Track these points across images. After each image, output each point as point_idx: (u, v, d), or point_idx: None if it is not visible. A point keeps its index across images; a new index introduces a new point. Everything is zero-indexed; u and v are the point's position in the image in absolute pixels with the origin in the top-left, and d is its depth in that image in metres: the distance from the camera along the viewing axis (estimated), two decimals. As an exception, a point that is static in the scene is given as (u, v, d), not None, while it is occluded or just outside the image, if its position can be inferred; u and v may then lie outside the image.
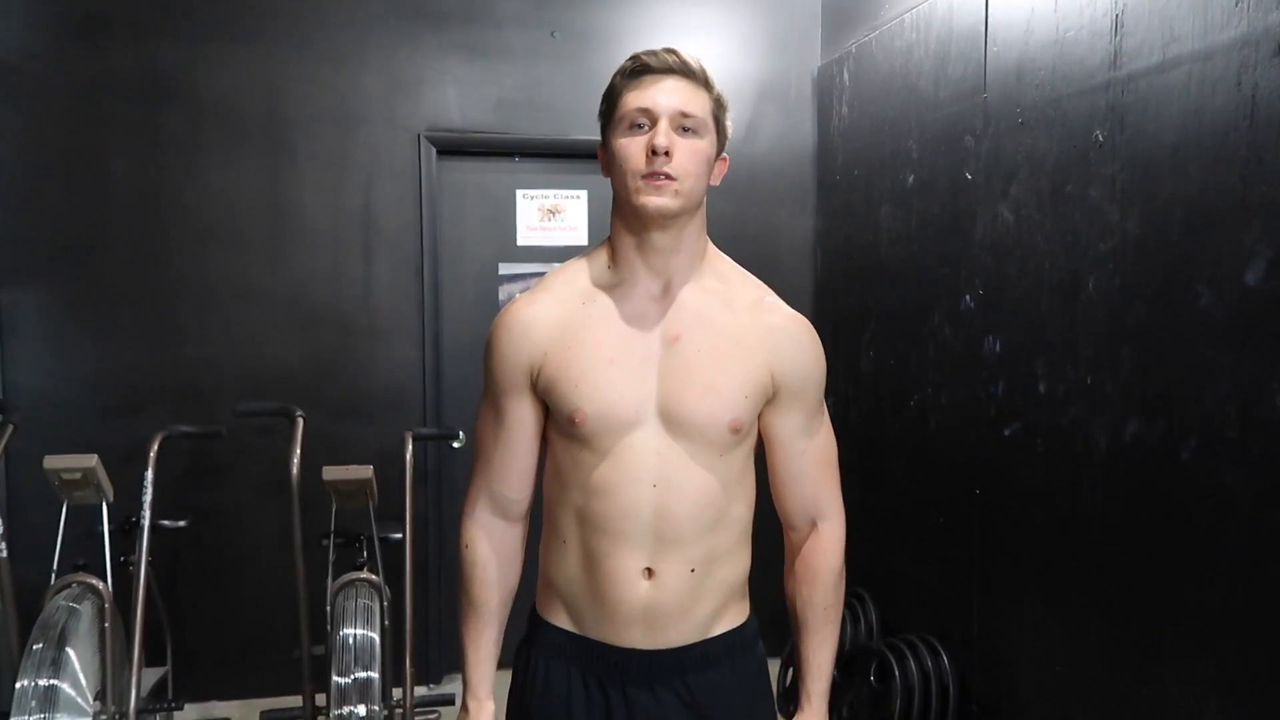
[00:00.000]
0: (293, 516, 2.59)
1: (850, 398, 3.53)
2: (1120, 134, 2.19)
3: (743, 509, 1.39)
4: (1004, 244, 2.62)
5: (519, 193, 3.74)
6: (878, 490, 3.34)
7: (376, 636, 2.36)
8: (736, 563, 1.40)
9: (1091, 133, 2.27)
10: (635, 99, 1.29)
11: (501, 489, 1.41)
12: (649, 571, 1.33)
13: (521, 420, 1.38)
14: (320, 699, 2.67)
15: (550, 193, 3.75)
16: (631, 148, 1.28)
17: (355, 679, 2.25)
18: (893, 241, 3.23)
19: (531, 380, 1.36)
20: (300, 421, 2.67)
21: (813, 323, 1.43)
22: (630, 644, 1.36)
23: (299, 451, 2.60)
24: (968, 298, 2.80)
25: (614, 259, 1.36)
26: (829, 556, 1.44)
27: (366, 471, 2.56)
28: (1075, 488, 2.35)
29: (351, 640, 2.32)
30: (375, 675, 2.29)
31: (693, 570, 1.34)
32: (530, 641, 1.46)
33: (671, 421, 1.32)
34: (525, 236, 3.75)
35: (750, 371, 1.34)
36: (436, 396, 3.66)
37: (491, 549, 1.43)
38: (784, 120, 3.84)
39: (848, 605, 3.34)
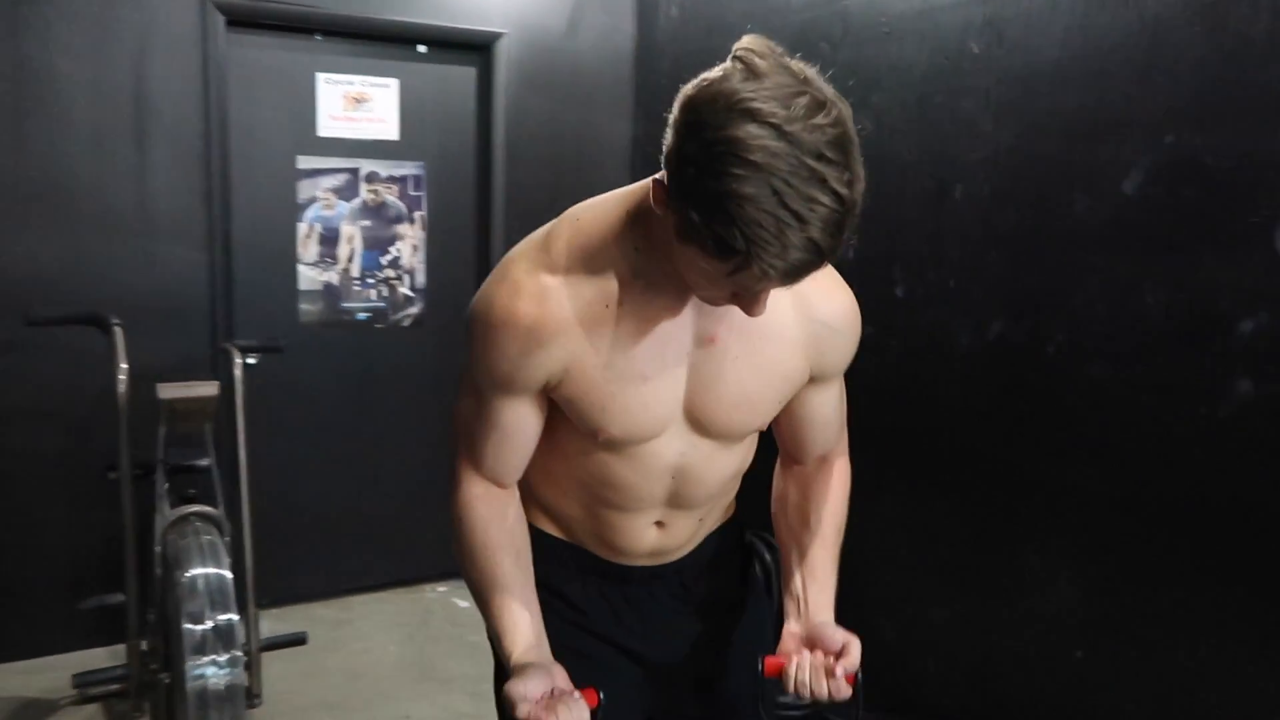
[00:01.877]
0: (121, 444, 2.17)
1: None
2: (998, 47, 2.29)
3: (750, 454, 1.33)
4: (865, 153, 2.68)
5: (320, 77, 3.32)
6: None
7: (229, 575, 2.06)
8: (735, 488, 1.36)
9: (966, 45, 2.37)
10: (758, 284, 0.96)
11: (496, 476, 1.23)
12: (659, 524, 1.29)
13: (522, 422, 1.19)
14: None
15: (356, 79, 3.36)
16: (715, 287, 1.01)
17: (217, 624, 1.96)
18: (730, 148, 3.22)
19: (543, 388, 1.16)
20: (119, 331, 2.22)
21: None
22: (633, 565, 1.31)
23: (125, 365, 2.17)
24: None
25: (648, 243, 1.09)
26: (847, 480, 1.40)
27: (211, 388, 2.20)
28: (934, 384, 2.50)
29: (201, 582, 2.01)
30: (235, 617, 2.00)
31: (700, 518, 1.32)
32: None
33: (698, 425, 1.21)
34: (327, 127, 3.35)
35: (789, 373, 1.21)
36: (228, 305, 3.22)
37: (490, 510, 1.23)
38: (606, 17, 3.68)
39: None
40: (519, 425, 1.19)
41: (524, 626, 1.18)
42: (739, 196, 0.86)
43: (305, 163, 3.33)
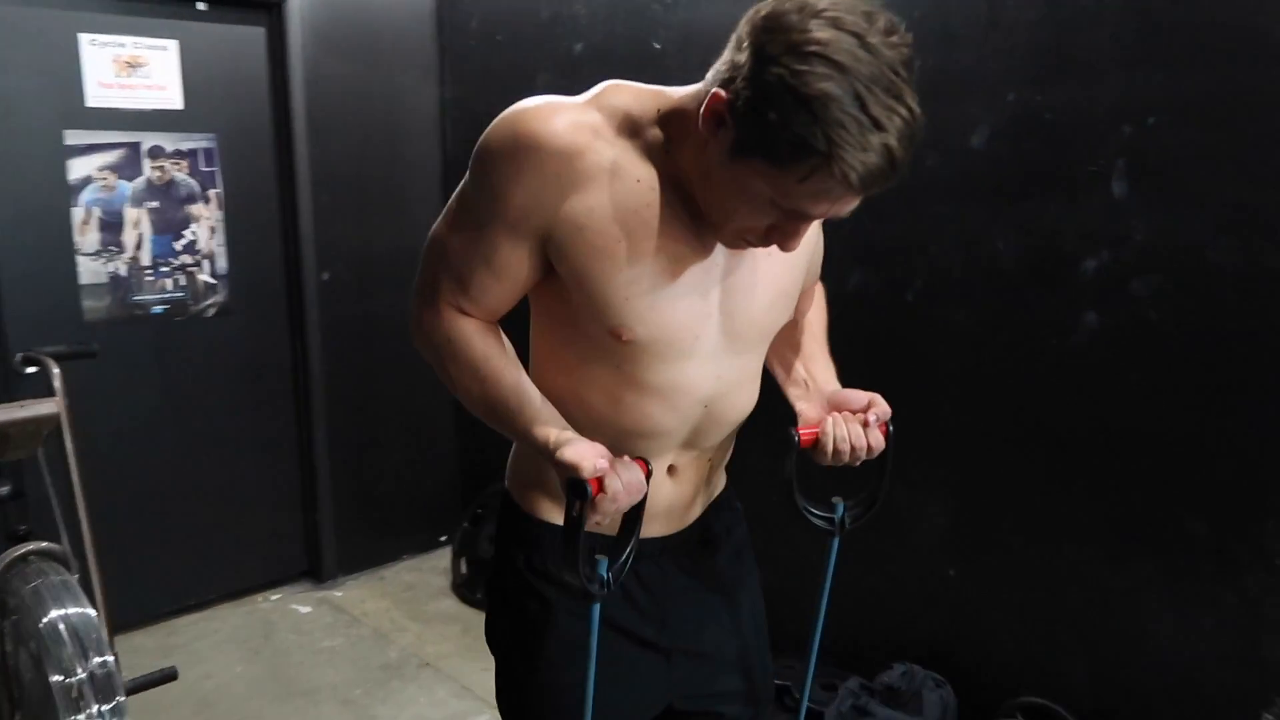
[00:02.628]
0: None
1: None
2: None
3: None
4: (705, 114, 2.72)
5: (84, 38, 2.89)
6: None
7: (93, 613, 1.80)
8: (736, 432, 1.35)
9: (808, 8, 2.45)
10: (803, 199, 0.95)
11: (481, 310, 1.14)
12: (671, 469, 1.25)
13: (513, 269, 1.10)
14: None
15: (128, 40, 2.96)
16: (760, 214, 0.99)
17: (93, 671, 1.71)
18: (556, 112, 3.16)
19: (545, 238, 1.06)
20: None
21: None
22: (647, 535, 1.25)
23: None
24: (660, 168, 2.87)
25: (673, 146, 1.06)
26: (822, 295, 1.50)
27: (49, 406, 1.86)
28: (794, 337, 2.61)
29: (64, 626, 1.74)
30: (112, 659, 1.75)
31: (710, 460, 1.31)
32: (519, 542, 1.26)
33: (737, 338, 1.18)
34: (98, 96, 2.93)
35: (803, 262, 1.24)
36: (-4, 308, 2.77)
37: (479, 326, 1.14)
38: (403, -26, 3.47)
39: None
40: (510, 268, 1.10)
41: (550, 413, 1.11)
42: (825, 95, 0.87)
43: (74, 138, 2.90)
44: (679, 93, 1.08)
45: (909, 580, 2.46)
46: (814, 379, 1.32)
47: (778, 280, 1.19)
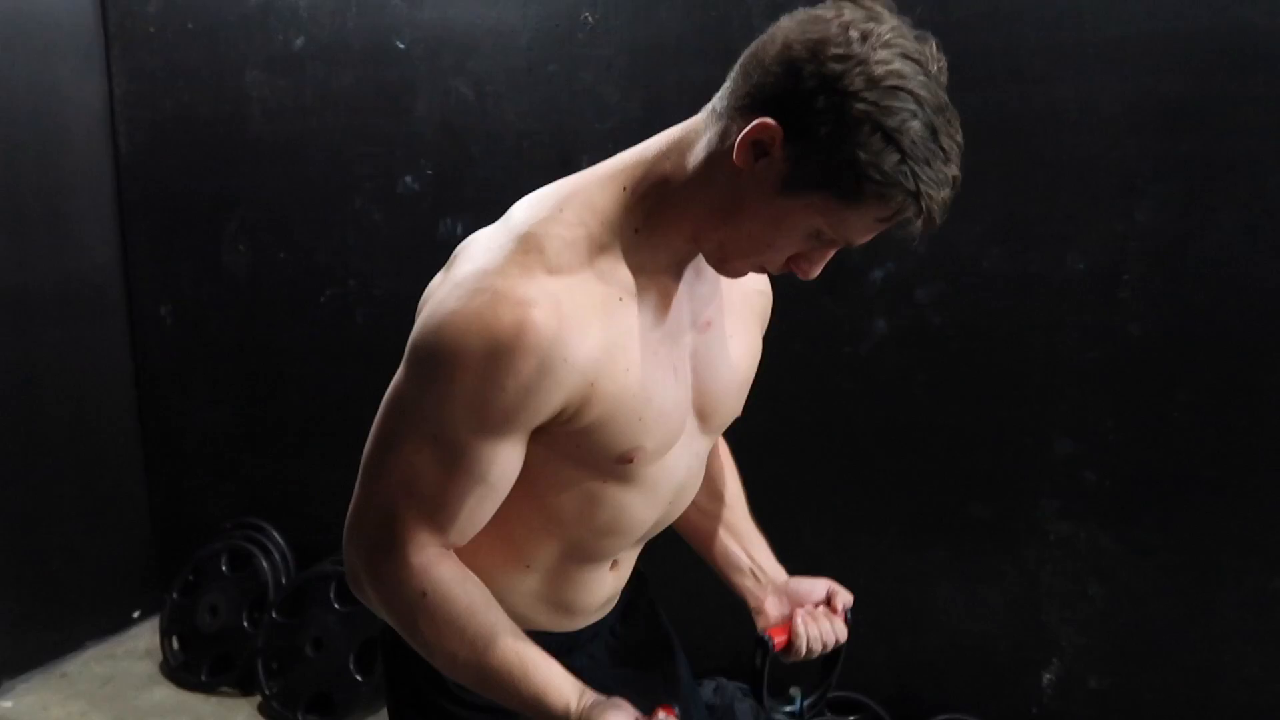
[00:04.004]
0: None
1: (208, 301, 2.98)
2: (614, 19, 2.32)
3: None
4: (462, 121, 2.54)
5: None
6: (274, 401, 2.95)
7: None
8: None
9: (579, 14, 2.35)
10: (861, 232, 0.90)
11: (458, 538, 0.97)
12: (614, 563, 1.16)
13: (510, 471, 0.96)
14: None
15: None
16: (799, 244, 0.92)
17: None
18: (272, 116, 2.78)
19: (553, 418, 0.94)
20: None
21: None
22: (582, 626, 1.17)
23: None
24: (409, 179, 2.63)
25: (649, 222, 0.96)
26: (730, 458, 1.40)
27: None
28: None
29: None
30: None
31: (644, 542, 1.22)
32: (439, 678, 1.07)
33: (706, 419, 1.10)
34: None
35: (757, 346, 1.17)
36: None
37: (455, 569, 0.98)
38: (55, -56, 2.87)
39: (254, 543, 2.93)
40: (506, 476, 0.95)
41: (560, 670, 0.98)
42: (912, 133, 0.83)
43: None
44: (644, 156, 0.97)
45: (709, 592, 2.46)
46: (761, 568, 1.26)
47: (736, 367, 1.12)
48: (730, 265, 0.97)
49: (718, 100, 0.94)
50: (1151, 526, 2.03)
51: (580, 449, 0.97)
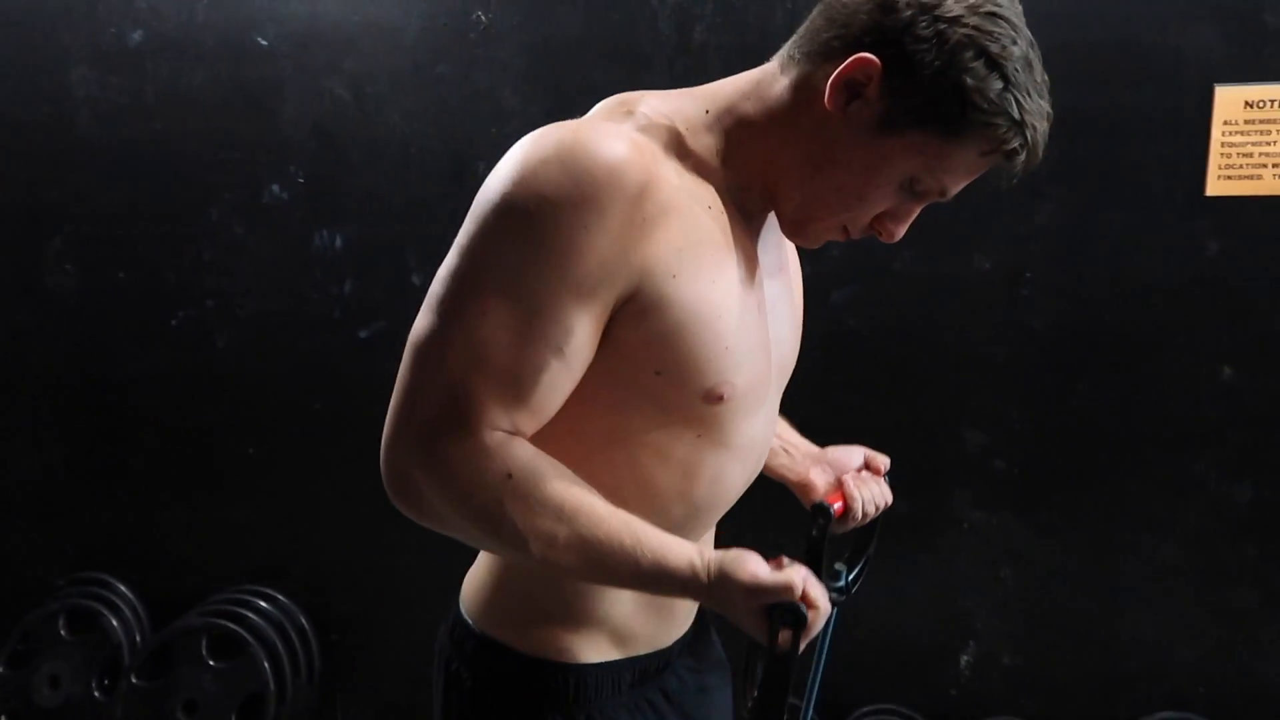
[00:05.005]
0: None
1: (29, 329, 2.60)
2: (510, 17, 2.21)
3: None
4: (338, 125, 2.34)
5: None
6: (115, 440, 2.62)
7: None
8: None
9: (470, 11, 2.22)
10: (960, 174, 0.86)
11: (532, 421, 0.85)
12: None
13: (585, 349, 0.84)
14: None
15: None
16: (889, 196, 0.87)
17: None
18: (104, 118, 2.45)
19: (625, 299, 0.83)
20: None
21: None
22: (675, 637, 1.08)
23: None
24: (276, 188, 2.40)
25: (737, 154, 0.90)
26: None
27: None
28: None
29: None
30: None
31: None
32: (542, 700, 0.96)
33: (782, 374, 1.05)
34: None
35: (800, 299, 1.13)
36: None
37: (528, 448, 0.85)
38: None
39: (99, 600, 2.59)
40: (582, 353, 0.84)
41: (666, 533, 0.87)
42: (1014, 58, 0.81)
43: None
44: (724, 90, 0.92)
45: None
46: (792, 444, 1.20)
47: (798, 319, 1.08)
48: (810, 228, 0.91)
49: (792, 47, 0.89)
50: (1056, 509, 2.16)
51: (662, 376, 0.86)
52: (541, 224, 0.79)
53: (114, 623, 2.57)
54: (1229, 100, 1.96)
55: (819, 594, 0.84)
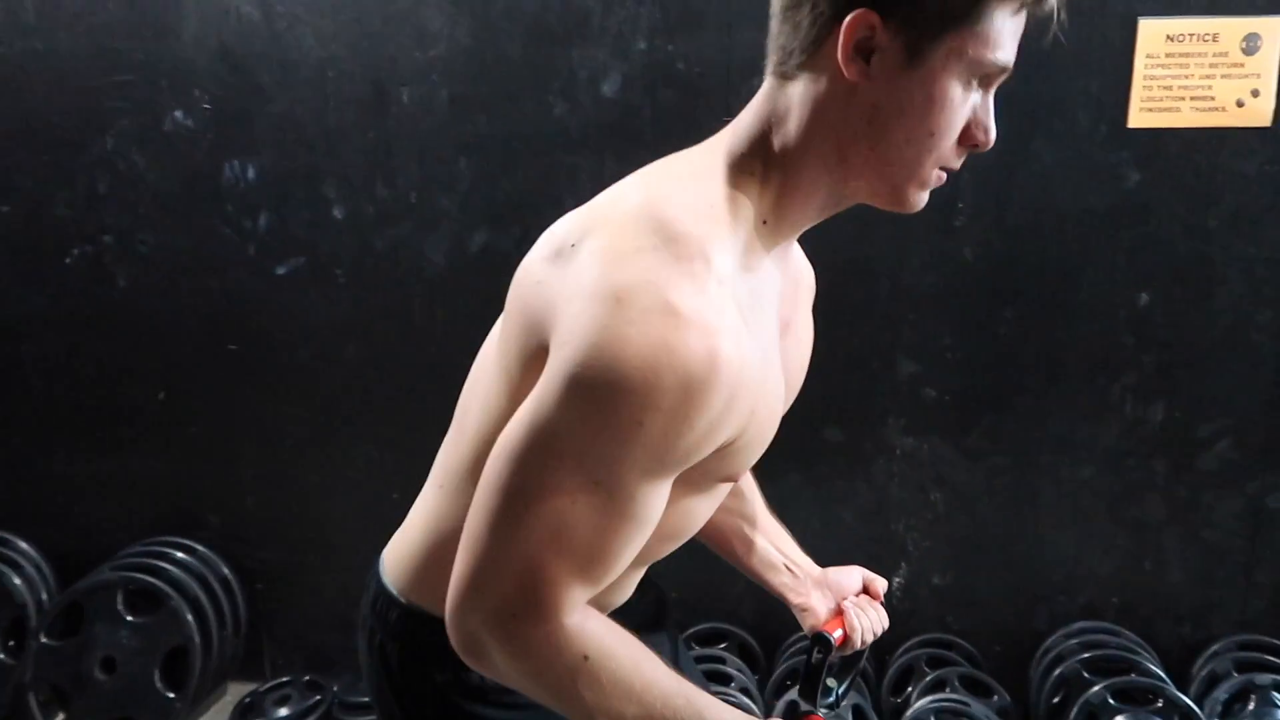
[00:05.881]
0: None
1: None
2: (433, -64, 2.09)
3: None
4: (247, 47, 2.18)
5: None
6: (5, 388, 2.44)
7: None
8: None
9: (389, -72, 2.09)
10: (1007, 44, 0.81)
11: (593, 589, 0.84)
12: None
13: (663, 509, 0.83)
14: None
15: None
16: (960, 111, 0.82)
17: None
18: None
19: (711, 452, 0.82)
20: None
21: None
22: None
23: None
24: (179, 114, 2.23)
25: (775, 214, 0.86)
26: None
27: None
28: (406, 306, 2.29)
29: None
30: None
31: None
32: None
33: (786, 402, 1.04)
34: None
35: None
36: None
37: (601, 622, 0.85)
38: None
39: (6, 561, 2.44)
40: (660, 513, 0.83)
41: (726, 704, 0.89)
42: None
43: None
44: (739, 140, 0.87)
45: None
46: (795, 563, 1.19)
47: (807, 359, 1.07)
48: (908, 190, 0.85)
49: (774, 67, 0.85)
50: (983, 434, 2.23)
51: (697, 471, 0.85)
52: (643, 414, 0.74)
53: (17, 581, 2.43)
54: (1151, 34, 2.01)
55: None
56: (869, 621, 1.14)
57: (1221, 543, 2.22)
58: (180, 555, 2.43)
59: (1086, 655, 2.15)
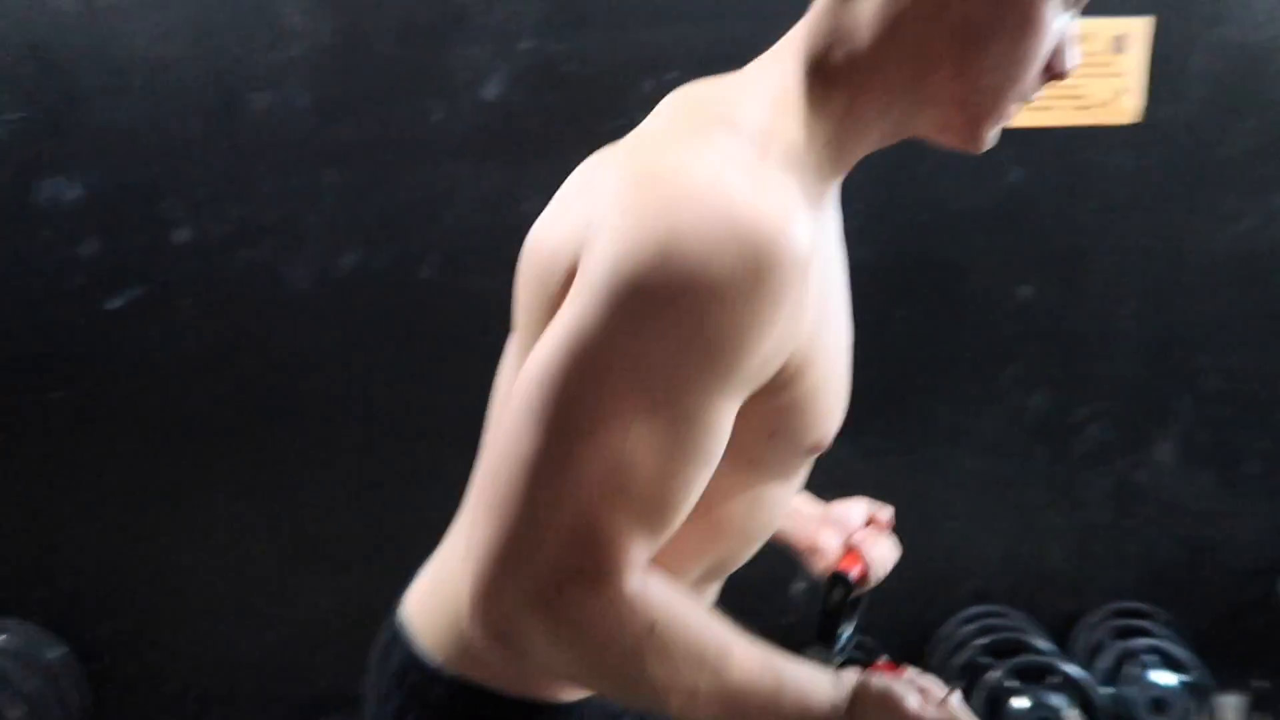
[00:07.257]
0: None
1: None
2: (286, -80, 1.87)
3: None
4: (63, 46, 1.88)
5: None
6: None
7: None
8: None
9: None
10: None
11: (654, 547, 0.70)
12: None
13: (724, 445, 0.70)
14: None
15: None
16: (1053, 35, 0.73)
17: None
18: None
19: (773, 376, 0.71)
20: None
21: None
22: None
23: None
24: (-22, 124, 1.90)
25: (838, 136, 0.75)
26: None
27: None
28: (264, 342, 2.05)
29: None
30: None
31: None
32: None
33: None
34: None
35: None
36: None
37: (664, 586, 0.70)
38: None
39: None
40: (721, 450, 0.70)
41: (798, 662, 0.77)
42: None
43: None
44: (791, 59, 0.77)
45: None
46: (795, 507, 1.12)
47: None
48: (985, 126, 0.76)
49: None
50: (879, 433, 2.25)
51: (774, 438, 0.75)
52: (710, 318, 0.62)
53: None
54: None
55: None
56: (881, 554, 1.08)
57: (1095, 518, 2.35)
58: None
59: (983, 641, 2.22)
